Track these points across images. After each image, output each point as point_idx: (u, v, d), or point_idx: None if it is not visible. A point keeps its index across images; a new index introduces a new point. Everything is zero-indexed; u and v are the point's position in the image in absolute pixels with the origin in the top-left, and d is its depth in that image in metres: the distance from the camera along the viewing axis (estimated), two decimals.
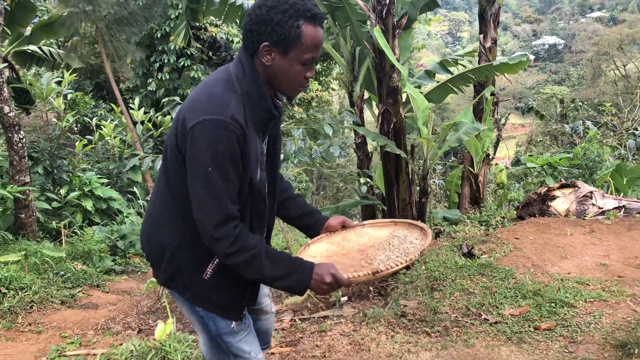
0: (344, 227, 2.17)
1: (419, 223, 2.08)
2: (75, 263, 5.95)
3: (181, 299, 1.90)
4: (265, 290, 2.23)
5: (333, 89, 17.09)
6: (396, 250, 1.96)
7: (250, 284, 1.90)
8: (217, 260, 1.81)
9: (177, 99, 5.42)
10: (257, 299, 2.06)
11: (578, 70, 53.31)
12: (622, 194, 6.22)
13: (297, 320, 4.00)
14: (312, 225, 2.15)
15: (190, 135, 1.64)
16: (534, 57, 79.08)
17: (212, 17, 13.28)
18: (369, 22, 5.18)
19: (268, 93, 1.77)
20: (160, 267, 1.88)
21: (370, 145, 7.04)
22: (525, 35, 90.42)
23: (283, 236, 6.18)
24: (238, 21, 7.30)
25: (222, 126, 1.62)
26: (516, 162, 9.56)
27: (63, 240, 6.38)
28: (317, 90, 15.66)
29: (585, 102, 13.32)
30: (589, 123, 9.74)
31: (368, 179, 5.90)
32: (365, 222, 2.23)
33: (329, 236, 2.12)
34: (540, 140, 15.78)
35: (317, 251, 2.06)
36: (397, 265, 1.77)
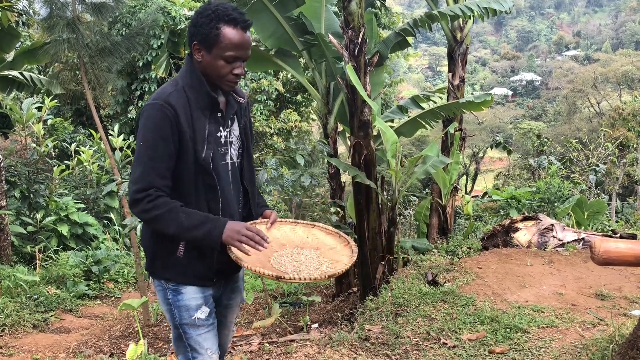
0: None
1: (352, 244, 2.14)
2: (49, 287, 6.00)
3: (158, 286, 2.18)
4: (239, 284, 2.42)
5: (313, 119, 17.35)
6: (312, 262, 2.07)
7: (217, 254, 2.09)
8: None
9: None
10: (228, 274, 2.26)
11: (554, 107, 54.65)
12: (582, 227, 6.49)
13: (265, 343, 4.12)
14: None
15: (137, 120, 2.11)
16: (511, 92, 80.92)
17: None
18: (342, 59, 5.44)
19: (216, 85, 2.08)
20: (147, 258, 2.21)
21: (344, 175, 7.24)
22: (503, 71, 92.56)
23: None
24: None
25: (155, 107, 1.98)
26: (484, 195, 9.85)
27: (37, 264, 6.42)
28: (297, 120, 15.90)
29: (552, 139, 13.81)
30: (552, 158, 10.13)
31: (339, 209, 6.08)
32: (300, 221, 2.36)
33: (265, 223, 2.22)
34: (519, 174, 16.18)
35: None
36: (300, 278, 1.89)
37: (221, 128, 2.14)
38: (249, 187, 2.27)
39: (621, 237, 5.32)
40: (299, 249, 2.15)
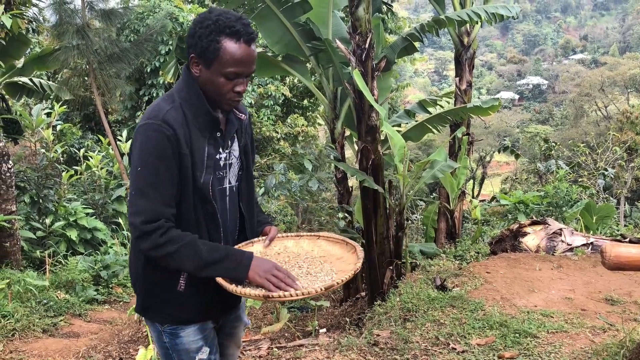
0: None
1: (358, 251, 1.92)
2: (58, 292, 6.02)
3: (153, 329, 2.00)
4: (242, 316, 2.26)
5: (319, 124, 17.38)
6: (311, 276, 1.88)
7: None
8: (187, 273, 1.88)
9: None
10: (232, 306, 2.11)
11: (561, 110, 54.43)
12: (591, 232, 6.47)
13: (274, 348, 4.13)
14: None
15: (131, 143, 1.87)
16: (518, 96, 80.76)
17: None
18: (350, 65, 5.46)
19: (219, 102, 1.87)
20: (138, 296, 1.99)
21: (352, 180, 7.26)
22: (509, 74, 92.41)
23: None
24: None
25: (151, 128, 1.76)
26: (492, 199, 9.83)
27: (47, 269, 6.46)
28: (303, 125, 15.95)
29: (559, 143, 13.76)
30: (560, 162, 10.10)
31: (346, 214, 6.09)
32: (304, 234, 2.18)
33: (262, 241, 2.07)
34: (526, 178, 16.14)
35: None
36: (290, 295, 1.69)
37: (221, 149, 1.92)
38: (246, 212, 2.06)
39: (631, 241, 5.30)
40: (302, 262, 1.96)
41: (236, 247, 1.97)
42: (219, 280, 1.76)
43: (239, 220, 2.06)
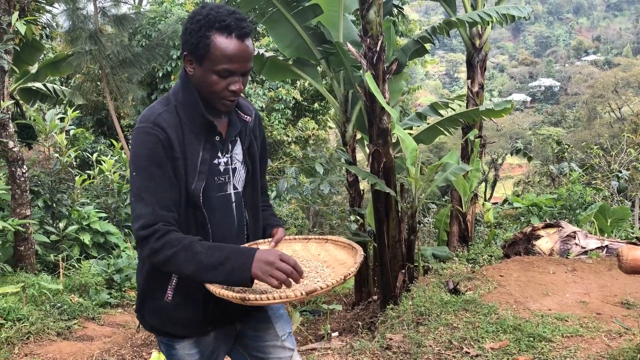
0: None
1: (358, 256, 1.79)
2: (72, 295, 6.06)
3: (157, 338, 1.95)
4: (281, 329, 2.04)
5: (330, 127, 17.39)
6: (308, 280, 1.78)
7: (212, 298, 1.69)
8: (175, 280, 1.81)
9: None
10: (231, 319, 1.95)
11: (574, 112, 54.06)
12: (605, 235, 6.40)
13: None
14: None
15: None
16: (530, 98, 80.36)
17: None
18: (361, 68, 5.46)
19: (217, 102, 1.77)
20: (137, 299, 1.93)
21: (363, 183, 7.24)
22: (521, 76, 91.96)
23: None
24: None
25: (143, 131, 1.70)
26: (504, 202, 9.78)
27: (61, 273, 6.50)
28: (314, 128, 15.97)
29: (572, 145, 13.63)
30: (573, 165, 10.02)
31: (358, 217, 6.08)
32: (311, 236, 2.08)
33: (268, 243, 1.97)
34: (539, 181, 16.02)
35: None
36: (267, 299, 1.55)
37: (219, 154, 1.82)
38: (250, 217, 1.95)
39: None
40: (305, 267, 1.83)
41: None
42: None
43: (246, 227, 1.96)
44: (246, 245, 1.89)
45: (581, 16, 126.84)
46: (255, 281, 1.64)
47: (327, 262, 1.92)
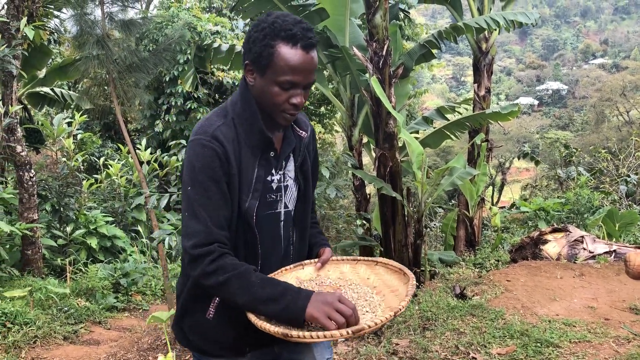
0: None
1: (410, 285, 1.64)
2: (79, 299, 6.08)
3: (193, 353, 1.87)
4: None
5: (336, 131, 17.39)
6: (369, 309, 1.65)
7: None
8: (217, 299, 1.73)
9: (184, 142, 5.64)
10: (268, 342, 1.81)
11: (582, 116, 53.77)
12: (613, 239, 6.35)
13: None
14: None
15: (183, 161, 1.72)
16: (537, 102, 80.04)
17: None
18: (367, 72, 5.46)
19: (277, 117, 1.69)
20: (176, 312, 1.86)
21: (369, 187, 7.23)
22: (528, 80, 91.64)
23: None
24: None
25: (200, 144, 1.62)
26: (511, 206, 9.73)
27: (67, 277, 6.53)
28: (321, 132, 15.96)
29: (580, 149, 13.55)
30: (581, 169, 9.95)
31: (365, 221, 6.06)
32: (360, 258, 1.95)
33: (314, 264, 1.89)
34: (546, 185, 15.93)
35: (296, 277, 1.85)
36: (311, 337, 1.46)
37: (273, 171, 1.74)
38: (297, 239, 1.86)
39: None
40: (354, 292, 1.74)
41: (286, 268, 1.81)
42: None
43: (292, 245, 1.86)
44: (291, 266, 1.82)
45: (588, 19, 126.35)
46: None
47: (376, 287, 1.78)
